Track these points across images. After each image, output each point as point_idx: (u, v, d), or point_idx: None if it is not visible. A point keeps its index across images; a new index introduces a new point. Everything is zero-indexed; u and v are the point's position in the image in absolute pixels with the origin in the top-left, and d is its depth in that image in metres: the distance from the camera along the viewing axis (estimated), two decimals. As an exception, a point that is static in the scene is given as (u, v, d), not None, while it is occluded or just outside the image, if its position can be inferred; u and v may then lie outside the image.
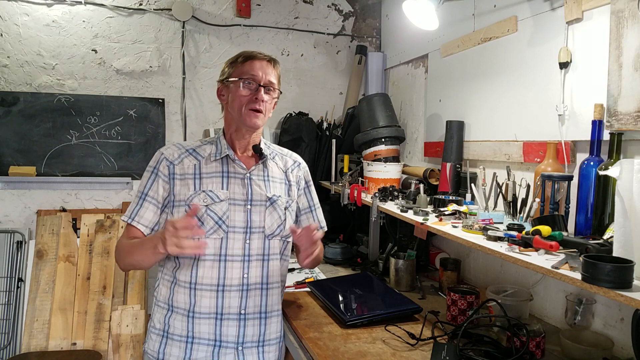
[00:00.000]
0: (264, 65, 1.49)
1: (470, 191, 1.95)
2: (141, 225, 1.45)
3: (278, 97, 1.56)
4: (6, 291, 2.66)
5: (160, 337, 1.47)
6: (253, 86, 1.46)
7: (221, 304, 1.43)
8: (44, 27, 2.76)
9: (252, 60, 1.49)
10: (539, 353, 1.43)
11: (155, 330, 1.48)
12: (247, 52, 1.52)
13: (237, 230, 1.46)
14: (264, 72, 1.47)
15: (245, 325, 1.46)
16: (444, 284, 2.05)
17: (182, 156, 1.50)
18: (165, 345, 1.45)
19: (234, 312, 1.44)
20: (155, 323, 1.49)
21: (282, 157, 1.64)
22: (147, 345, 1.50)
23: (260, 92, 1.46)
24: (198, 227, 1.30)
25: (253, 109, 1.46)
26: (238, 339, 1.45)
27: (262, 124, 1.50)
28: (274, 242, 1.52)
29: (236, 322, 1.44)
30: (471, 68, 2.19)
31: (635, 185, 1.06)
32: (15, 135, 2.72)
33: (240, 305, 1.45)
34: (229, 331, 1.44)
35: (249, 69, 1.47)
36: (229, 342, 1.44)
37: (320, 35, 3.24)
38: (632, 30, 1.31)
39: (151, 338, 1.49)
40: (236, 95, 1.47)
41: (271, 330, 1.52)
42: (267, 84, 1.48)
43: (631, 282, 1.01)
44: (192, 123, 3.03)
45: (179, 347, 1.44)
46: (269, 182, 1.54)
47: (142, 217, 1.45)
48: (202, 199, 1.44)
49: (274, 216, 1.51)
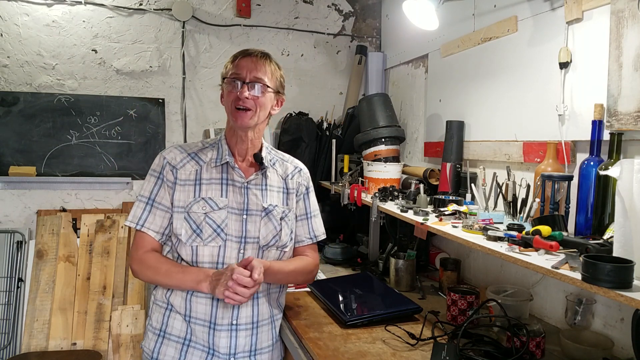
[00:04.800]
0: (251, 61, 1.43)
1: (470, 191, 1.95)
2: (152, 231, 1.44)
3: (279, 93, 1.52)
4: (6, 291, 2.66)
5: (157, 336, 1.46)
6: (237, 84, 1.42)
7: (215, 313, 1.42)
8: (44, 27, 2.75)
9: (241, 57, 1.45)
10: (539, 353, 1.43)
11: (153, 329, 1.48)
12: (242, 49, 1.49)
13: (233, 240, 1.45)
14: (249, 69, 1.42)
15: (237, 336, 1.45)
16: (444, 284, 2.05)
17: (185, 160, 1.48)
18: (161, 344, 1.45)
19: (226, 323, 1.43)
20: (153, 322, 1.49)
21: (282, 163, 1.61)
22: (144, 343, 1.50)
23: (244, 89, 1.40)
24: (251, 285, 1.31)
25: (237, 106, 1.42)
26: (230, 350, 1.44)
27: (253, 124, 1.45)
28: (270, 253, 1.50)
29: (228, 332, 1.43)
30: (471, 68, 2.19)
31: (635, 185, 1.06)
32: (15, 135, 2.72)
33: (232, 315, 1.44)
34: (221, 342, 1.43)
35: (234, 68, 1.44)
36: (221, 353, 1.43)
37: (320, 35, 3.24)
38: (632, 30, 1.31)
39: (148, 336, 1.49)
40: (225, 95, 1.46)
41: (263, 338, 1.51)
42: (252, 80, 1.42)
43: (631, 282, 1.01)
44: (192, 123, 3.03)
45: (175, 348, 1.44)
46: (267, 191, 1.51)
47: (152, 223, 1.44)
48: (201, 206, 1.42)
49: (269, 227, 1.49)
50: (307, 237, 1.63)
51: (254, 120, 1.45)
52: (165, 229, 1.46)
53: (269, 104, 1.48)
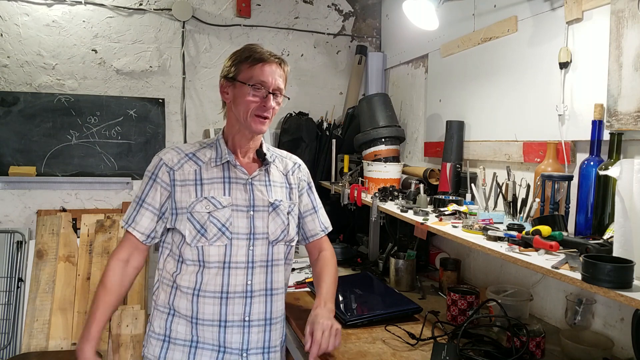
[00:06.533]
0: (274, 69, 1.44)
1: (470, 191, 1.95)
2: (137, 231, 1.43)
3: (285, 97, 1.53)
4: (6, 291, 2.66)
5: (162, 341, 1.43)
6: (262, 93, 1.41)
7: (225, 311, 1.40)
8: (44, 27, 2.76)
9: (262, 63, 1.42)
10: (539, 353, 1.43)
11: (155, 335, 1.44)
12: (255, 50, 1.45)
13: (241, 237, 1.43)
14: (273, 77, 1.42)
15: (250, 332, 1.42)
16: (444, 284, 2.05)
17: (182, 161, 1.46)
18: (167, 350, 1.42)
19: (237, 319, 1.41)
20: (155, 328, 1.45)
21: (282, 159, 1.61)
22: (147, 350, 1.45)
23: (269, 99, 1.41)
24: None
25: (259, 115, 1.42)
26: (242, 346, 1.41)
27: (266, 130, 1.48)
28: (278, 248, 1.49)
29: (240, 328, 1.41)
30: (471, 68, 2.19)
31: (635, 185, 1.06)
32: (15, 135, 2.72)
33: (244, 312, 1.42)
34: (233, 338, 1.41)
35: (259, 74, 1.41)
36: (233, 349, 1.41)
37: (321, 35, 3.24)
38: (632, 30, 1.31)
39: (151, 343, 1.44)
40: (243, 99, 1.42)
41: (276, 336, 1.49)
42: (275, 90, 1.43)
43: (631, 282, 1.01)
44: (192, 123, 3.03)
45: (182, 352, 1.41)
46: (271, 186, 1.51)
47: (138, 224, 1.43)
48: (204, 205, 1.41)
49: (277, 221, 1.48)
50: (320, 230, 1.64)
51: (268, 126, 1.48)
52: (151, 231, 1.44)
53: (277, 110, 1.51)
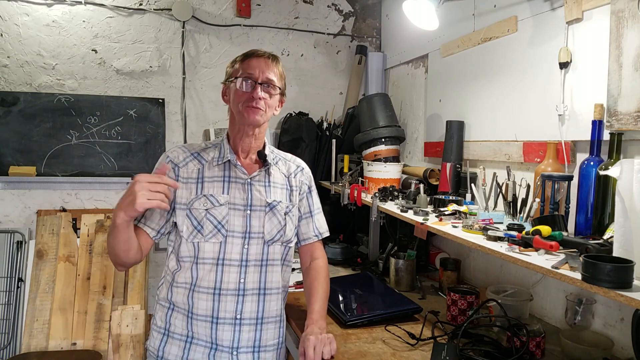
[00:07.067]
0: (262, 62, 1.47)
1: (470, 191, 1.95)
2: (147, 227, 1.44)
3: (283, 95, 1.55)
4: (6, 291, 2.66)
5: (162, 335, 1.48)
6: (250, 84, 1.46)
7: (217, 308, 1.43)
8: (44, 27, 2.76)
9: (250, 57, 1.48)
10: (539, 353, 1.43)
11: (157, 328, 1.49)
12: (248, 51, 1.52)
13: (236, 235, 1.46)
14: (261, 69, 1.46)
15: (241, 330, 1.45)
16: (444, 284, 2.05)
17: (187, 159, 1.50)
18: (165, 343, 1.46)
19: (229, 317, 1.44)
20: (157, 321, 1.50)
21: (285, 162, 1.63)
22: (149, 342, 1.51)
23: (257, 89, 1.44)
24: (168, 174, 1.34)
25: (250, 106, 1.45)
26: (233, 344, 1.44)
27: (262, 121, 1.49)
28: (275, 248, 1.51)
29: (231, 326, 1.44)
30: (471, 68, 2.19)
31: (635, 185, 1.06)
32: (15, 135, 2.72)
33: (235, 309, 1.44)
34: (224, 335, 1.43)
35: (246, 67, 1.47)
36: (224, 346, 1.43)
37: (320, 35, 3.24)
38: (632, 30, 1.31)
39: (153, 336, 1.50)
40: (235, 93, 1.47)
41: (268, 336, 1.50)
42: (265, 81, 1.46)
43: (631, 282, 1.01)
44: (192, 123, 3.03)
45: (178, 346, 1.45)
46: (270, 187, 1.53)
47: (148, 219, 1.44)
48: (202, 203, 1.44)
49: (273, 222, 1.50)
50: (313, 235, 1.64)
51: (264, 118, 1.49)
52: (161, 227, 1.46)
53: (274, 104, 1.53)
